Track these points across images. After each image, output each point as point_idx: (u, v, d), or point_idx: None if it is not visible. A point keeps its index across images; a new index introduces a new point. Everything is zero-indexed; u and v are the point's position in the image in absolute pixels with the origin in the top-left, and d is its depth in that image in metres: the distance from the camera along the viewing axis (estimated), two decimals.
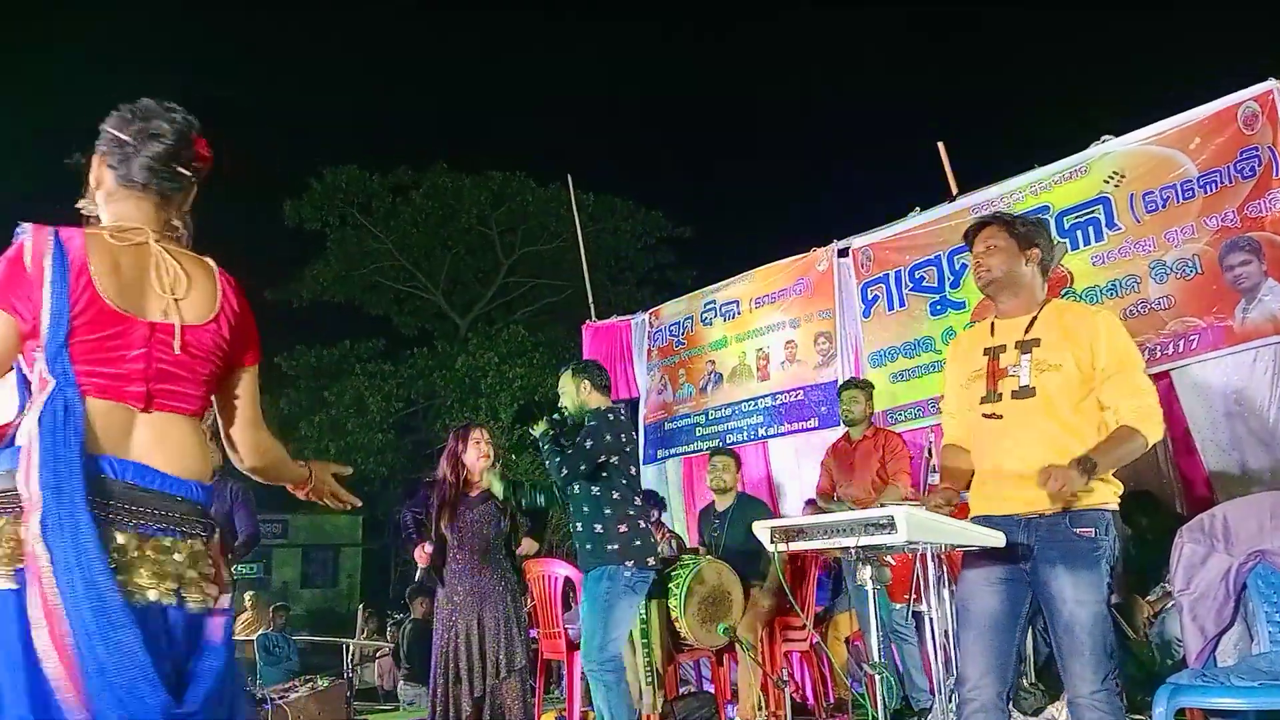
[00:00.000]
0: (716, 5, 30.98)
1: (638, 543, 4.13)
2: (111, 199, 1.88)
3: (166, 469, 1.76)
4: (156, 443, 1.75)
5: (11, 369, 1.75)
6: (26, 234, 1.73)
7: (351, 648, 8.39)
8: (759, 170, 28.50)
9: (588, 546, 4.14)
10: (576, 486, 4.21)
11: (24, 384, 1.75)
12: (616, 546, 4.08)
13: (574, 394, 4.36)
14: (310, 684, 6.70)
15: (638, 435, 7.55)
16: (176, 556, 1.74)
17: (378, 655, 9.64)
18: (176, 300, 1.80)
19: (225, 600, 1.83)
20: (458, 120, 25.69)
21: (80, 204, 1.91)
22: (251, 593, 11.46)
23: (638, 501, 4.28)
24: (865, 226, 6.50)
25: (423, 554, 4.70)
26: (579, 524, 4.19)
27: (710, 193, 26.17)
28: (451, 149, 21.04)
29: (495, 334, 19.07)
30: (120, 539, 1.67)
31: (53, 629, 1.55)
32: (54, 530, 1.57)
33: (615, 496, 4.16)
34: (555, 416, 4.38)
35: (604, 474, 4.17)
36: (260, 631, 9.46)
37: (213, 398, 1.93)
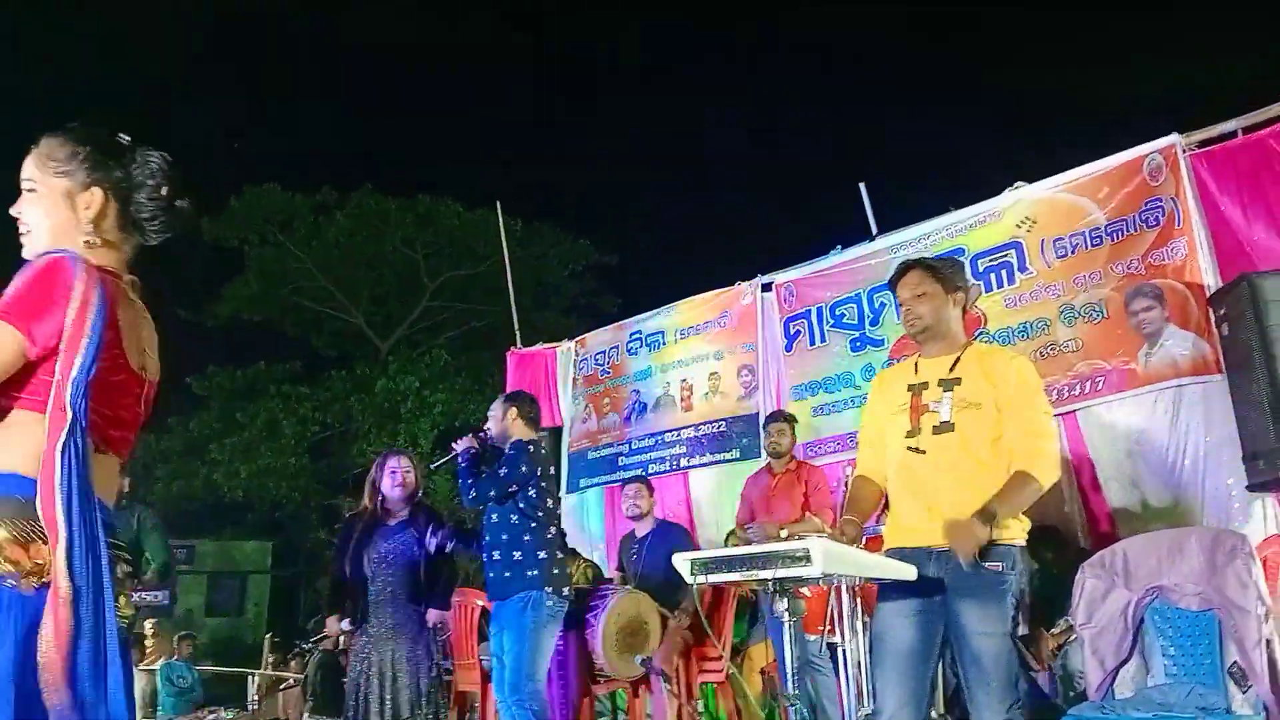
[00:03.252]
0: (649, 36, 31.37)
1: (556, 571, 4.14)
2: (104, 236, 1.84)
3: (108, 503, 1.81)
4: (104, 480, 1.79)
5: None
6: (74, 261, 1.70)
7: (257, 678, 8.13)
8: (685, 200, 28.81)
9: (506, 574, 4.12)
10: (495, 514, 4.21)
11: None
12: (536, 572, 4.07)
13: (500, 419, 4.37)
14: (214, 715, 6.51)
15: (560, 464, 7.52)
16: (119, 579, 1.78)
17: (283, 687, 9.36)
18: (150, 356, 1.87)
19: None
20: (384, 142, 25.43)
21: (31, 222, 1.84)
22: (154, 620, 11.02)
23: (554, 531, 4.28)
24: (788, 263, 6.62)
25: (334, 627, 4.60)
26: (496, 551, 4.17)
27: (636, 221, 26.32)
28: (378, 172, 20.81)
29: (417, 358, 18.77)
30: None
31: (61, 649, 1.57)
32: (79, 562, 1.60)
33: (534, 525, 4.16)
34: (480, 435, 4.40)
35: (520, 503, 4.17)
36: (163, 661, 9.11)
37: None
